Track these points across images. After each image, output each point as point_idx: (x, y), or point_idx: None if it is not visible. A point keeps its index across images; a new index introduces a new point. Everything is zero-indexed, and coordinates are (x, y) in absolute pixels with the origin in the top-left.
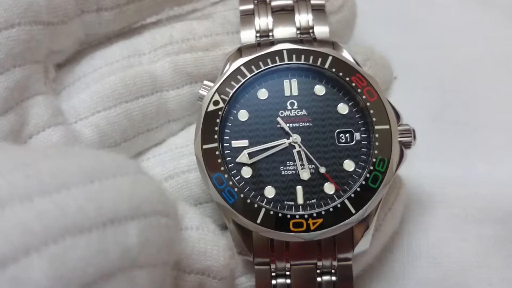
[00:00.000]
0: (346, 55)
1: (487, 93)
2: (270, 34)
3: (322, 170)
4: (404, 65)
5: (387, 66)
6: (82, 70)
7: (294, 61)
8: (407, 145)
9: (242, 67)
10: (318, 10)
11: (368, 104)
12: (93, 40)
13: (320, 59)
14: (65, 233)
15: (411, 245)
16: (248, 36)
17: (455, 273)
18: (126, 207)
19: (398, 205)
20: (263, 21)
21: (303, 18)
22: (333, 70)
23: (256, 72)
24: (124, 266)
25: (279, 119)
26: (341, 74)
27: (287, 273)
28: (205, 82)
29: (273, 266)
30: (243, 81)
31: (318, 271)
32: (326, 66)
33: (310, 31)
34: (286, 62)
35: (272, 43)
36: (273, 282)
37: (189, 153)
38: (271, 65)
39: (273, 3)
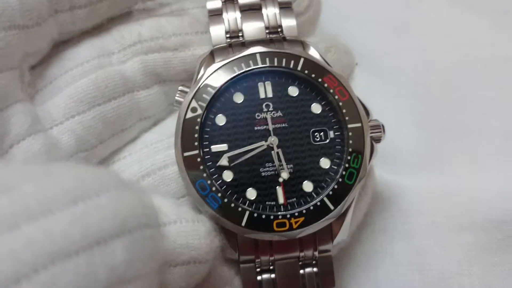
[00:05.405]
0: (313, 52)
1: (474, 99)
2: (240, 34)
3: (283, 176)
4: (390, 71)
5: (349, 53)
6: (53, 72)
7: (268, 65)
8: (378, 139)
9: (217, 73)
10: (285, 8)
11: (340, 103)
12: (67, 38)
13: (292, 62)
14: (54, 259)
15: (394, 253)
16: (218, 36)
17: (437, 281)
18: (111, 225)
19: (370, 185)
20: (232, 18)
21: (271, 12)
22: (306, 72)
23: (231, 77)
24: (111, 285)
25: (268, 118)
26: (313, 75)
27: (271, 267)
28: (180, 87)
29: (257, 260)
30: (219, 86)
31: (300, 263)
32: (299, 68)
33: (279, 29)
34: (260, 66)
35: (243, 44)
36: (259, 278)
37: (163, 148)
38: (245, 69)
39: (240, 2)
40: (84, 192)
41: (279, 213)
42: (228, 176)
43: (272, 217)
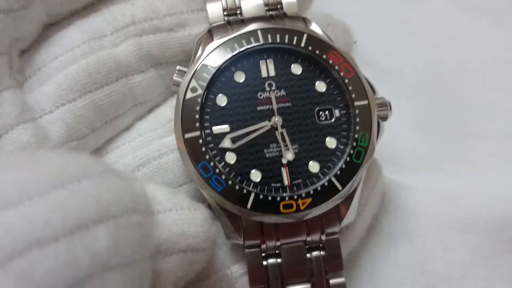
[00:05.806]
0: (315, 28)
1: (474, 101)
2: (238, 12)
3: (288, 157)
4: (390, 71)
5: (347, 31)
6: (42, 58)
7: (270, 42)
8: (384, 118)
9: (216, 51)
10: None
11: (346, 80)
12: (56, 20)
13: (295, 38)
14: (31, 246)
15: (397, 255)
16: (216, 14)
17: (441, 283)
18: (93, 211)
19: (379, 186)
20: None
21: None
22: (310, 48)
23: (232, 55)
24: (94, 271)
25: (272, 97)
26: (317, 52)
27: (277, 251)
28: (179, 67)
29: (263, 246)
30: (219, 65)
31: (306, 247)
32: (302, 44)
33: (279, 6)
34: (262, 42)
35: (243, 21)
36: (264, 263)
37: (158, 137)
38: (246, 47)
39: None
40: (65, 178)
41: (285, 194)
42: (231, 158)
43: (278, 198)
